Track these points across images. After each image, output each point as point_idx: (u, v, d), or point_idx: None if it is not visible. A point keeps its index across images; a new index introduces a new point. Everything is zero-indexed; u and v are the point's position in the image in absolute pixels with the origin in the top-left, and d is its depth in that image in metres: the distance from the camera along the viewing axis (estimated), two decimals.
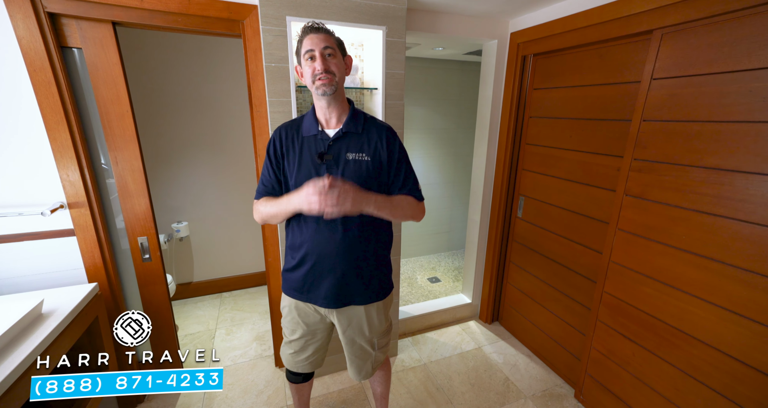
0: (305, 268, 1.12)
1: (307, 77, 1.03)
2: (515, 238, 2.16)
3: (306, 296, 1.16)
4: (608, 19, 1.41)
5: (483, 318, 2.41)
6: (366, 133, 1.08)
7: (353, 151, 1.06)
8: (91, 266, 1.43)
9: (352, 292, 1.13)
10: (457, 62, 2.98)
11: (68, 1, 1.22)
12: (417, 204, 1.15)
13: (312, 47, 0.99)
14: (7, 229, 1.32)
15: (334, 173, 1.04)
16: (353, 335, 1.22)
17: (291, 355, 1.29)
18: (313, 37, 1.00)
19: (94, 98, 1.36)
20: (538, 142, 1.93)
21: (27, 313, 1.11)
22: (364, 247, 1.10)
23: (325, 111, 1.07)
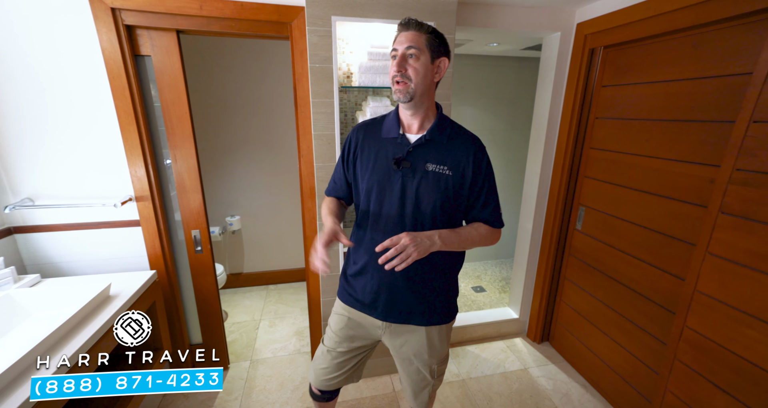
0: (367, 277, 1.04)
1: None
2: (572, 252, 1.94)
3: (364, 306, 1.07)
4: None
5: (531, 336, 2.22)
6: (451, 144, 0.98)
7: (434, 162, 0.96)
8: (153, 255, 1.57)
9: (413, 310, 1.04)
10: (514, 59, 2.78)
11: (141, 14, 1.34)
12: (491, 233, 1.04)
13: (396, 46, 0.90)
14: (88, 218, 1.49)
15: (410, 183, 0.95)
16: (410, 356, 1.11)
17: (323, 371, 1.17)
18: (402, 35, 0.90)
19: (159, 101, 1.48)
20: (604, 147, 1.70)
21: (97, 294, 1.23)
22: (428, 269, 1.01)
23: (407, 115, 0.98)
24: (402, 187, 0.96)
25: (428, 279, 1.02)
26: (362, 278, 1.06)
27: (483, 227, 1.03)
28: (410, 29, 0.90)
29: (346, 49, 1.64)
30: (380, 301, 1.04)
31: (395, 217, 0.98)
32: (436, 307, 1.06)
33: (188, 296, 1.78)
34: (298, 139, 1.61)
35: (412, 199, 0.96)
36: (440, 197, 0.95)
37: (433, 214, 0.97)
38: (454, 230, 0.97)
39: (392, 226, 0.98)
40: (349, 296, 1.11)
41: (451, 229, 0.96)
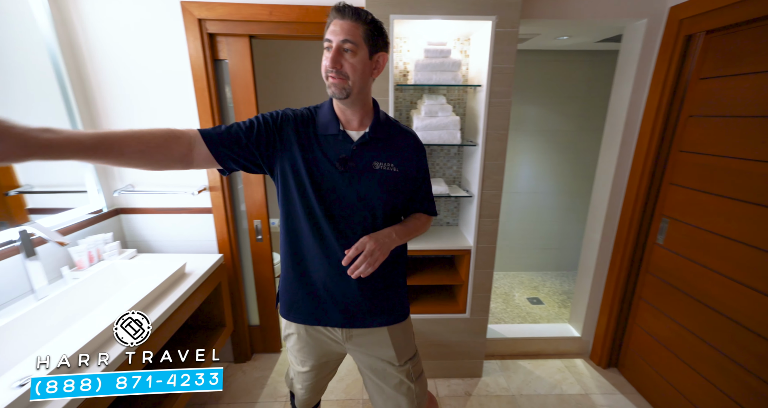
0: (317, 286, 0.95)
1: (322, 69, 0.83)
2: (651, 270, 1.70)
3: (319, 317, 0.98)
4: None
5: (595, 359, 1.99)
6: (393, 140, 0.93)
7: (381, 161, 0.90)
8: (221, 240, 1.74)
9: (373, 311, 0.98)
10: (586, 53, 2.52)
11: (221, 22, 1.49)
12: (428, 220, 1.07)
13: (330, 36, 0.79)
14: (172, 204, 1.70)
15: (358, 183, 0.88)
16: (381, 364, 1.03)
17: (300, 391, 1.16)
18: (338, 24, 0.79)
19: (232, 102, 1.63)
20: (699, 150, 1.46)
21: (175, 271, 1.40)
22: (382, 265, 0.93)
23: (344, 111, 0.90)
24: (350, 187, 0.88)
25: (383, 275, 0.97)
26: (310, 288, 0.96)
27: (423, 216, 1.05)
28: (346, 18, 0.78)
29: (404, 47, 1.65)
30: (337, 306, 0.96)
31: (346, 220, 0.90)
32: (395, 304, 1.02)
33: (249, 281, 1.94)
34: None
35: (362, 200, 0.89)
36: (390, 195, 0.92)
37: (384, 212, 0.92)
38: (404, 224, 0.97)
39: (344, 229, 0.90)
40: (299, 313, 1.00)
41: (401, 224, 0.97)
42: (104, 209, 1.63)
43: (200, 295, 1.48)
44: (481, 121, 1.49)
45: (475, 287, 1.70)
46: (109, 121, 1.57)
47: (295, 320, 1.01)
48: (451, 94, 1.71)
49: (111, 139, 0.65)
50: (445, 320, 1.76)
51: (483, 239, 1.63)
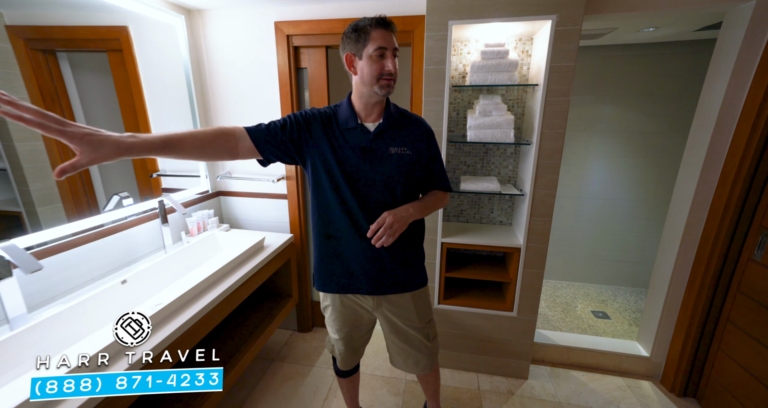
0: (348, 259, 1.10)
1: (369, 73, 0.96)
2: (743, 290, 1.48)
3: (351, 286, 1.14)
4: None
5: (667, 385, 1.79)
6: (404, 127, 1.08)
7: (396, 146, 1.05)
8: (292, 222, 2.03)
9: (398, 279, 1.14)
10: (680, 44, 2.23)
11: (304, 36, 1.75)
12: (445, 196, 1.20)
13: (385, 45, 0.94)
14: (256, 189, 2.05)
15: (378, 167, 1.03)
16: (404, 326, 1.21)
17: (340, 354, 1.31)
18: (384, 34, 0.94)
19: (308, 103, 1.90)
20: None
21: (257, 242, 1.71)
22: (403, 237, 1.10)
23: (370, 106, 1.04)
24: (372, 171, 1.03)
25: (405, 247, 1.13)
26: (342, 261, 1.11)
27: (440, 193, 1.18)
28: (390, 30, 0.96)
29: (464, 50, 1.72)
30: (367, 276, 1.11)
31: (370, 199, 1.05)
32: (416, 272, 1.17)
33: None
34: None
35: (382, 181, 1.04)
36: (405, 175, 1.06)
37: (402, 190, 1.07)
38: (421, 200, 1.12)
39: (369, 208, 1.05)
40: (333, 284, 1.15)
41: (418, 200, 1.11)
42: (209, 191, 2.04)
43: (273, 266, 1.77)
44: (536, 120, 1.49)
45: (524, 286, 1.69)
46: (218, 116, 1.96)
47: (330, 291, 1.17)
48: (510, 94, 1.72)
49: (174, 139, 0.83)
50: (491, 316, 1.78)
51: (533, 238, 1.62)
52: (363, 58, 0.96)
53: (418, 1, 1.57)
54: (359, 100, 1.04)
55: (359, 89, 1.02)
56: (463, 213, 1.95)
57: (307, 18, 1.70)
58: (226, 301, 1.38)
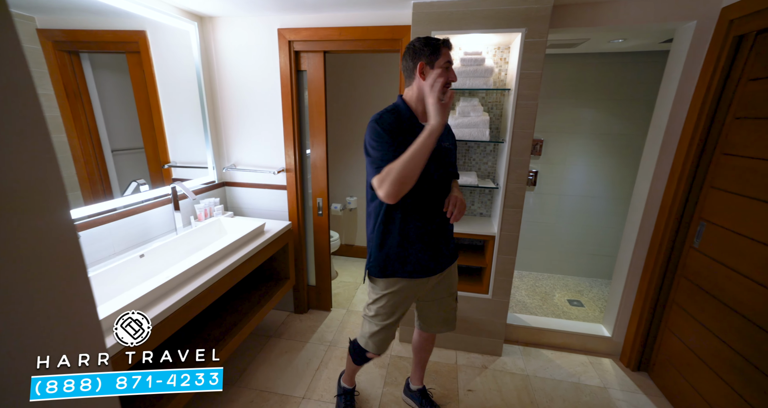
0: (423, 244, 1.25)
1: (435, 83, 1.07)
2: (686, 274, 1.68)
3: (422, 271, 1.28)
4: None
5: (625, 361, 1.99)
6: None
7: (443, 141, 1.25)
8: (291, 210, 2.22)
9: (450, 254, 1.36)
10: (649, 54, 2.42)
11: (304, 42, 1.94)
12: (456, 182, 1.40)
13: (450, 60, 1.15)
14: (258, 180, 2.23)
15: (439, 160, 1.22)
16: (444, 293, 1.42)
17: (384, 340, 1.38)
18: (448, 52, 1.16)
19: (307, 102, 2.08)
20: (743, 153, 1.44)
21: (258, 226, 1.89)
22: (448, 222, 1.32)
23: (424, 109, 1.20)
24: (436, 162, 1.21)
25: (450, 227, 1.36)
26: (416, 247, 1.25)
27: (455, 181, 1.39)
28: (450, 49, 1.18)
29: None
30: (436, 258, 1.29)
31: (434, 188, 1.23)
32: (454, 246, 1.40)
33: (309, 248, 2.40)
34: None
35: (442, 169, 1.25)
36: (451, 164, 1.30)
37: (450, 178, 1.31)
38: (455, 184, 1.35)
39: (434, 196, 1.24)
40: (403, 272, 1.27)
41: (454, 185, 1.34)
42: (216, 181, 2.23)
43: (272, 248, 1.96)
44: (509, 121, 1.68)
45: (498, 271, 1.88)
46: (225, 113, 2.15)
47: (402, 276, 1.27)
48: (489, 97, 1.91)
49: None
50: (469, 298, 1.98)
51: (506, 227, 1.81)
52: (434, 67, 1.14)
53: (405, 13, 1.76)
54: (419, 102, 1.20)
55: (422, 93, 1.17)
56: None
57: (307, 25, 1.88)
58: (231, 275, 1.57)
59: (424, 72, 1.15)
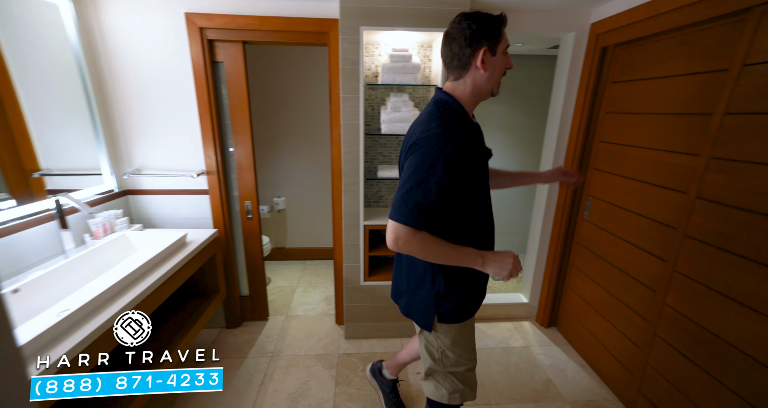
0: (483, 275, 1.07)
1: (499, 70, 0.92)
2: (580, 242, 2.05)
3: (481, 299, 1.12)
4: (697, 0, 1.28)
5: (539, 321, 2.34)
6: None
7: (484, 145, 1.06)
8: (216, 217, 2.00)
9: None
10: (542, 57, 2.87)
11: (219, 30, 1.75)
12: None
13: (509, 43, 0.93)
14: (174, 186, 1.96)
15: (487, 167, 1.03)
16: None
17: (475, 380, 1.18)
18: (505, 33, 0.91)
19: (227, 99, 1.90)
20: (611, 140, 1.80)
21: (178, 239, 1.66)
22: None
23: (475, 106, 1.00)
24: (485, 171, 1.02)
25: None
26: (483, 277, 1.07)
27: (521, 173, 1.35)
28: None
29: (375, 52, 1.94)
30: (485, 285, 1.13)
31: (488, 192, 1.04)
32: None
33: (240, 256, 2.21)
34: (331, 129, 1.94)
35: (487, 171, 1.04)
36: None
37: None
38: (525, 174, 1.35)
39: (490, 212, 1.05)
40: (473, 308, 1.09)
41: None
42: (115, 190, 1.88)
43: (197, 262, 1.75)
44: None
45: None
46: (121, 113, 1.82)
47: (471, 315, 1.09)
48: (417, 93, 2.02)
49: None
50: None
51: None
52: (497, 54, 0.91)
53: (332, 5, 1.73)
54: (473, 98, 0.97)
55: (479, 87, 0.94)
56: (382, 198, 2.19)
57: (221, 11, 1.71)
58: (149, 299, 1.34)
59: (485, 61, 0.90)
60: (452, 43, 0.93)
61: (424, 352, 1.15)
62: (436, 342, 1.10)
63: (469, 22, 0.89)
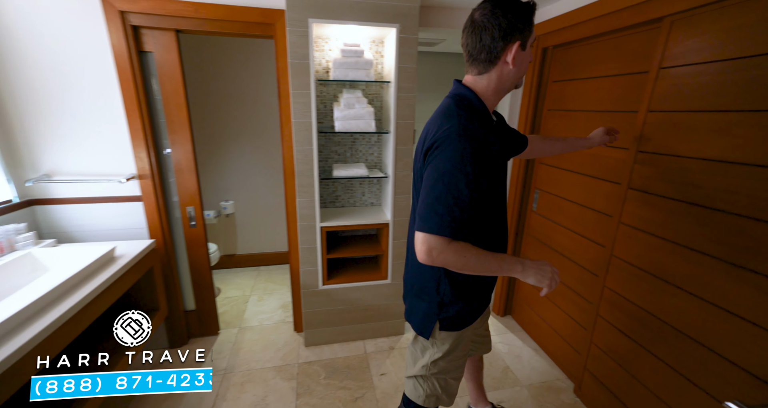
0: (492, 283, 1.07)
1: (525, 65, 0.88)
2: (530, 232, 2.16)
3: (484, 307, 1.10)
4: (621, 8, 1.39)
5: (496, 310, 2.43)
6: None
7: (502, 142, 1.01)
8: (152, 226, 1.79)
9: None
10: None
11: (145, 16, 1.55)
12: None
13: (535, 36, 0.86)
14: (97, 193, 1.71)
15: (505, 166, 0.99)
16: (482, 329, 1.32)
17: (456, 388, 1.16)
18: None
19: (160, 94, 1.70)
20: (554, 135, 1.92)
21: (103, 254, 1.45)
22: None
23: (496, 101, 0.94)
24: (503, 172, 0.99)
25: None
26: (490, 281, 1.05)
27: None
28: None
29: (326, 46, 1.86)
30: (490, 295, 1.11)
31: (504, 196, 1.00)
32: None
33: (184, 267, 2.00)
34: (282, 127, 1.82)
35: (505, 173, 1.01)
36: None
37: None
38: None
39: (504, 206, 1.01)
40: (473, 315, 1.06)
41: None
42: (14, 200, 1.59)
43: (130, 278, 1.54)
44: (392, 112, 1.77)
45: (395, 256, 2.00)
46: (19, 107, 1.54)
47: (471, 323, 1.05)
48: (369, 89, 1.97)
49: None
50: (370, 287, 2.03)
51: (398, 213, 1.93)
52: (526, 48, 0.85)
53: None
54: (496, 94, 0.91)
55: (504, 82, 0.88)
56: (338, 198, 2.12)
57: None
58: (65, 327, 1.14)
59: (516, 56, 0.84)
60: (483, 34, 0.83)
61: (413, 355, 1.12)
62: (431, 348, 1.07)
63: (504, 12, 0.81)
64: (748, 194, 1.02)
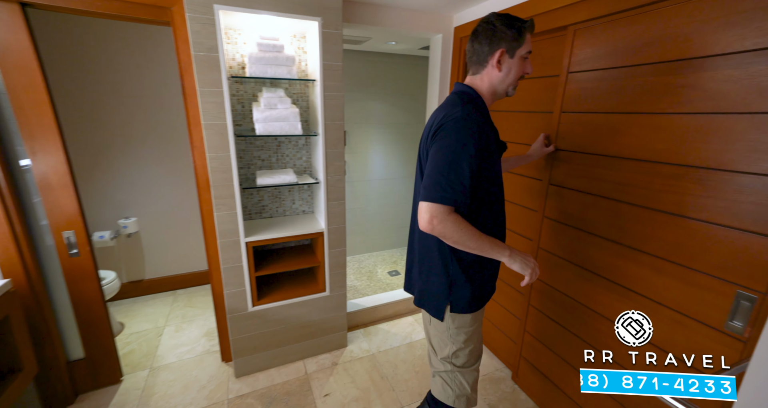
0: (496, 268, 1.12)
1: (516, 72, 1.00)
2: None
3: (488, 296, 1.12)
4: (535, 14, 1.47)
5: None
6: None
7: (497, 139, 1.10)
8: (6, 262, 1.36)
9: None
10: (416, 57, 3.02)
11: None
12: None
13: (531, 49, 1.01)
14: None
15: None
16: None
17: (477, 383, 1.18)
18: (530, 40, 1.00)
19: (4, 86, 1.28)
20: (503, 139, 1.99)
21: None
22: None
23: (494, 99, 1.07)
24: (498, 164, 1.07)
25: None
26: (496, 264, 1.10)
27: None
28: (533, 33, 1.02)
29: (239, 39, 1.63)
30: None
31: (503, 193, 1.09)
32: None
33: (63, 307, 1.58)
34: (190, 130, 1.55)
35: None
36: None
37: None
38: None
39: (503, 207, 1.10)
40: (487, 295, 1.11)
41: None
42: None
43: None
44: (319, 113, 1.63)
45: (332, 266, 1.87)
46: None
47: (484, 304, 1.10)
48: (293, 88, 1.79)
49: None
50: (307, 302, 1.87)
51: (333, 221, 1.80)
52: (515, 57, 0.98)
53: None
54: (492, 96, 1.04)
55: (495, 86, 1.02)
56: (265, 209, 1.90)
57: None
58: None
59: (501, 61, 0.99)
60: (477, 39, 1.00)
61: (435, 341, 1.14)
62: (448, 332, 1.09)
63: (495, 22, 0.97)
64: (642, 186, 1.15)
